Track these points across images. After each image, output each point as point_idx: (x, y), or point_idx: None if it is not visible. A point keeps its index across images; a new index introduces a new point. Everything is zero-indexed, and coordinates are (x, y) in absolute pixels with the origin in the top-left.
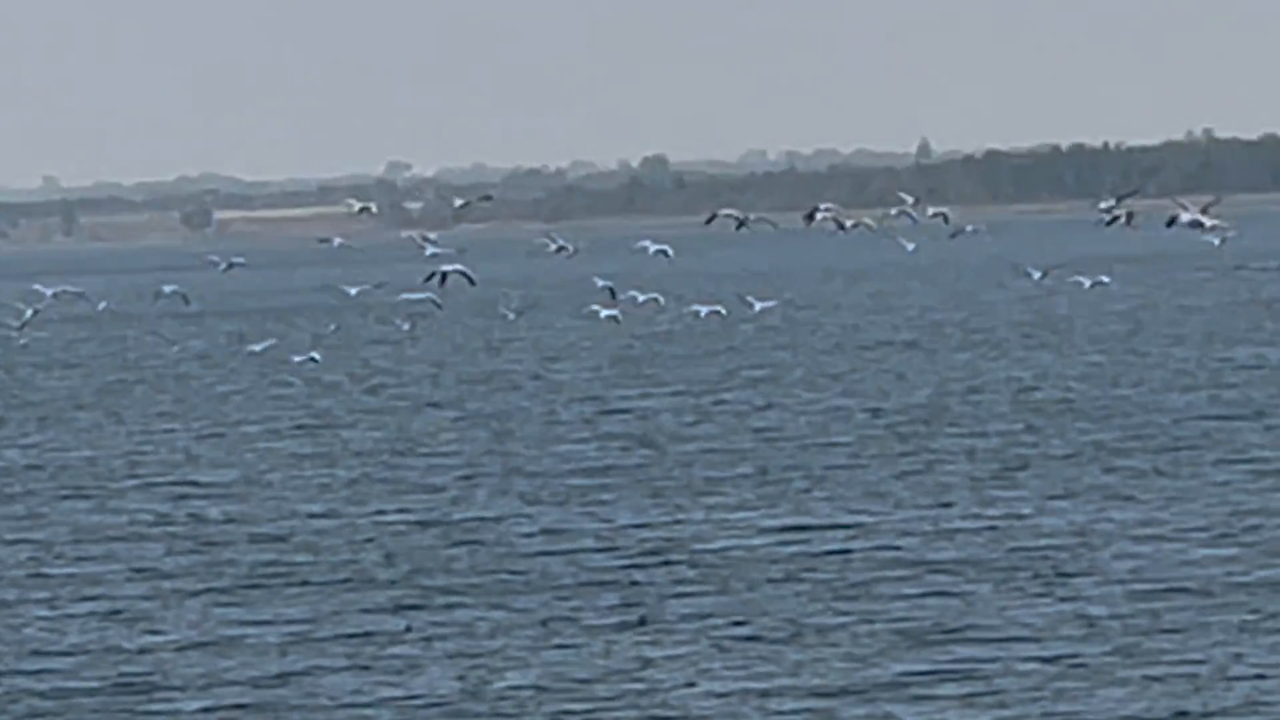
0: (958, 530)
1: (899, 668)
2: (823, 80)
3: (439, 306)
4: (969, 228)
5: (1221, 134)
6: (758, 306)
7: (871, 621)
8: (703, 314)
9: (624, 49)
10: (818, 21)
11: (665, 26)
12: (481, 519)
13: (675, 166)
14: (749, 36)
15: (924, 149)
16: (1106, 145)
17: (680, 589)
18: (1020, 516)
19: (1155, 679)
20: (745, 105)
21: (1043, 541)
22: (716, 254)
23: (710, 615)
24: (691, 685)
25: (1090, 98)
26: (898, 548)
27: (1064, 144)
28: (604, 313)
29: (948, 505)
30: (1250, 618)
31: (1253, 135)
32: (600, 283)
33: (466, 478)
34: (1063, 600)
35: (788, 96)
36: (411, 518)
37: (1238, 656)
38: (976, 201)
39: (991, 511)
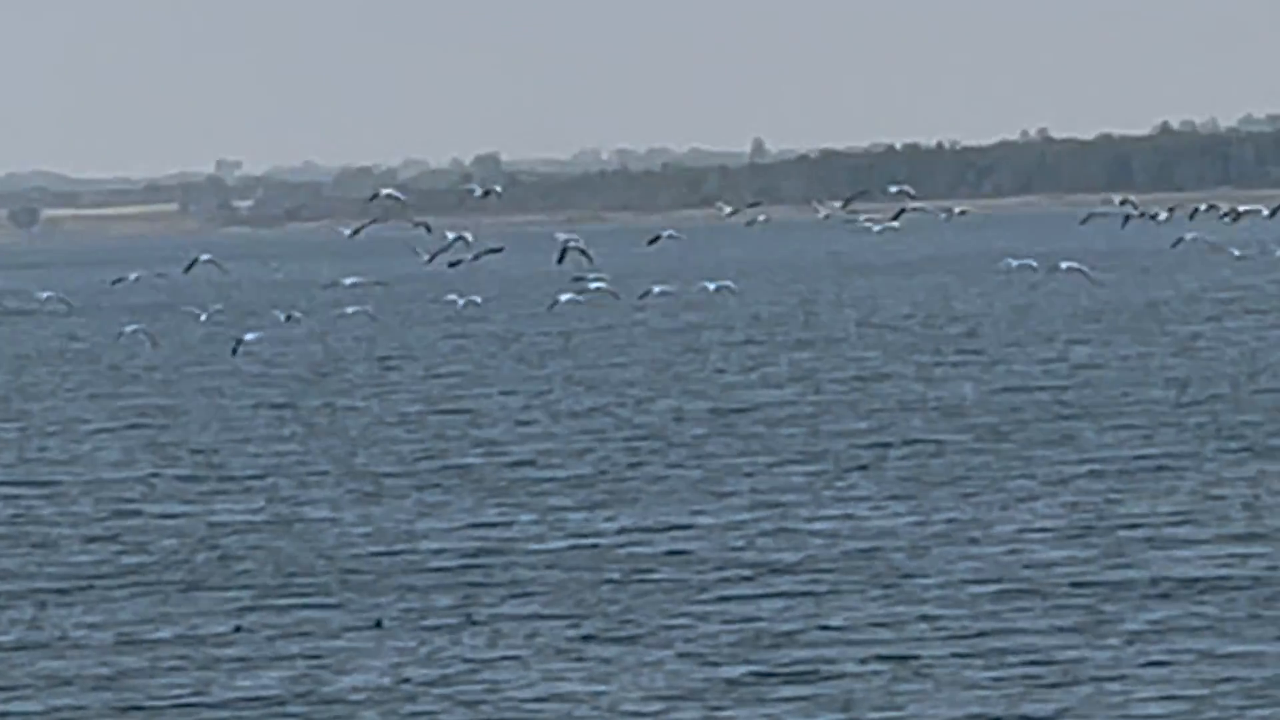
0: (795, 531)
1: (735, 669)
2: (657, 79)
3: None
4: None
5: (1056, 134)
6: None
7: (708, 622)
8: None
9: (457, 46)
10: (651, 19)
11: (499, 24)
12: (315, 519)
13: (508, 165)
14: (582, 34)
15: (758, 148)
16: (941, 145)
17: (514, 590)
18: (856, 517)
19: (997, 679)
20: (579, 104)
21: (879, 542)
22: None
23: (545, 616)
24: (526, 685)
25: (925, 97)
26: (736, 548)
27: (898, 144)
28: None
29: (784, 506)
30: (1089, 618)
31: (1088, 135)
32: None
33: (299, 476)
34: (900, 601)
35: (621, 95)
36: (243, 517)
37: (1078, 657)
38: (811, 201)
39: (828, 512)
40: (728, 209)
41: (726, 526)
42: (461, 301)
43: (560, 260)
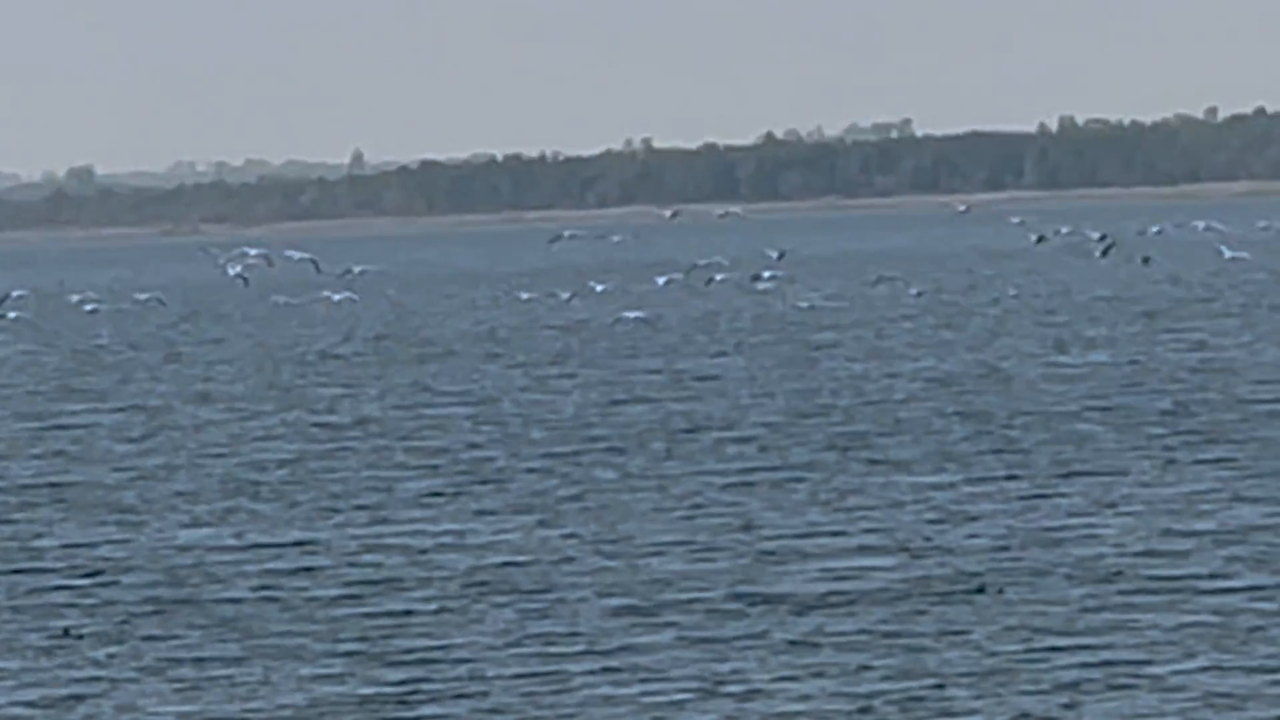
0: (408, 547)
1: (349, 689)
2: (252, 90)
3: None
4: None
5: (660, 144)
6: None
7: (324, 640)
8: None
9: (48, 57)
10: (246, 28)
11: (88, 34)
12: None
13: (102, 178)
14: (176, 45)
15: (358, 160)
16: (544, 155)
17: (144, 606)
18: (476, 533)
19: (637, 696)
20: (173, 116)
21: (498, 558)
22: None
23: (139, 636)
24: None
25: (528, 107)
26: (346, 565)
27: (500, 154)
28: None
29: (394, 522)
30: (720, 634)
31: (693, 145)
32: None
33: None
34: (535, 615)
35: (216, 107)
36: None
37: (710, 673)
38: (413, 213)
39: (446, 528)
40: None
41: (346, 542)
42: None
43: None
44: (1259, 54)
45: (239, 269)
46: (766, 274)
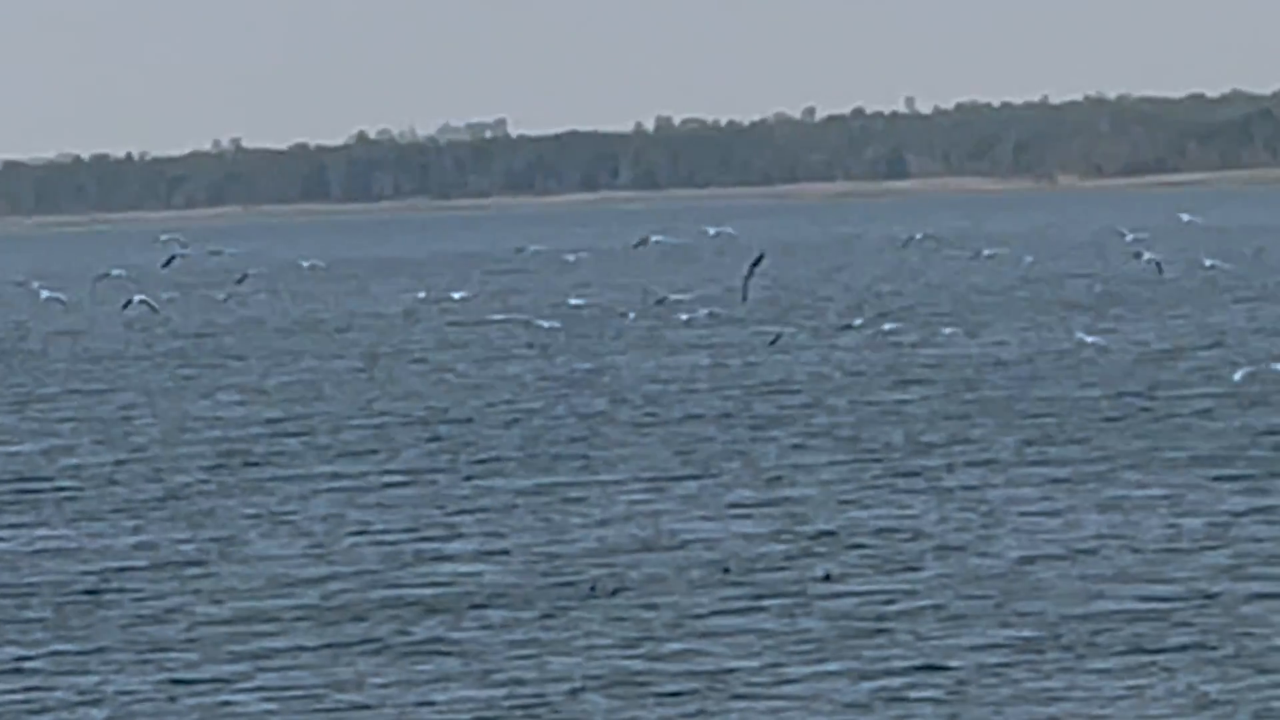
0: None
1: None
2: None
3: None
4: None
5: (250, 144)
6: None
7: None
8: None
9: None
10: None
11: None
12: None
13: None
14: None
15: None
16: (130, 155)
17: None
18: (93, 536)
19: (256, 701)
20: None
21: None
22: None
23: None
24: None
25: (113, 106)
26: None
27: (86, 154)
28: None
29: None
30: (348, 638)
31: (283, 145)
32: None
33: None
34: (150, 621)
35: None
36: None
37: (348, 678)
38: None
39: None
40: None
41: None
42: None
43: None
44: (857, 55)
45: None
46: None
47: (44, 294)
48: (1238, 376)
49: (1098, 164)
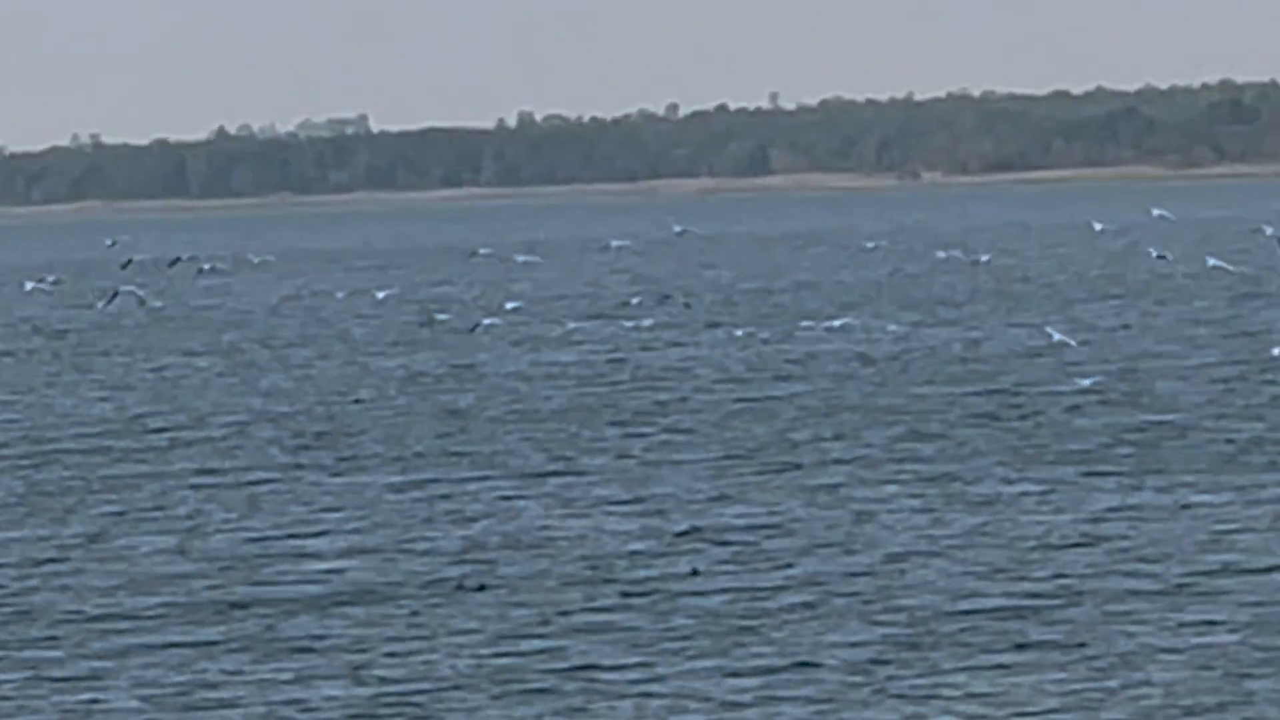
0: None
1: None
2: None
3: None
4: None
5: (109, 139)
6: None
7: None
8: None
9: None
10: None
11: None
12: None
13: None
14: None
15: None
16: None
17: None
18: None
19: (121, 700)
20: None
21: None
22: None
23: None
24: None
25: None
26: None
27: None
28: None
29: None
30: (218, 636)
31: (143, 140)
32: None
33: None
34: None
35: None
36: None
37: (215, 674)
38: None
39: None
40: None
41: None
42: None
43: None
44: (721, 51)
45: None
46: None
47: None
48: (1087, 382)
49: (962, 161)
